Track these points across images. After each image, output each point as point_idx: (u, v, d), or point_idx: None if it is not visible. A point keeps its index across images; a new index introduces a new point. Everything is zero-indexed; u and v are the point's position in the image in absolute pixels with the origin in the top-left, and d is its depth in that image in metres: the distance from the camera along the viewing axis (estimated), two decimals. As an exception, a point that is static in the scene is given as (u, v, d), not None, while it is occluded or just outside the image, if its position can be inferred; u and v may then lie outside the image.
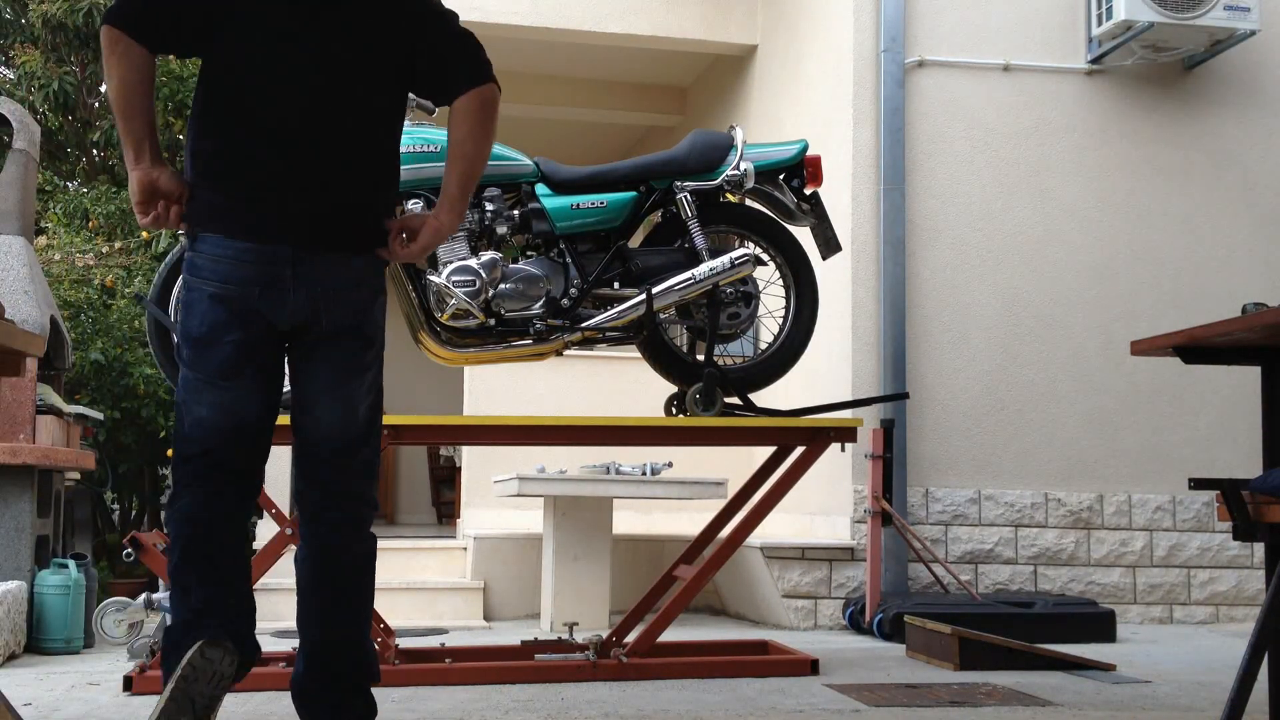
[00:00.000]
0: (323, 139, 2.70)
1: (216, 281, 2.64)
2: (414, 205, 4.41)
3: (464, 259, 4.39)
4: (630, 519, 7.19)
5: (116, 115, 2.60)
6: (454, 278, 4.34)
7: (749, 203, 4.80)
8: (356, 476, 2.80)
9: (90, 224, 10.06)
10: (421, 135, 4.46)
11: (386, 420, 4.55)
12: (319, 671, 2.76)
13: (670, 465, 6.29)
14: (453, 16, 2.88)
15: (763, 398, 4.93)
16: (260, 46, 2.66)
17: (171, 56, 11.75)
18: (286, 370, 2.82)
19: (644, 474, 6.17)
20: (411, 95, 4.34)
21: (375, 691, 2.87)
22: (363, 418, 2.78)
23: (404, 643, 4.78)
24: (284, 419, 2.87)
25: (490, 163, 4.53)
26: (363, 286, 2.76)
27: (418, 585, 6.86)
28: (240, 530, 2.76)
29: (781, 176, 4.70)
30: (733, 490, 5.21)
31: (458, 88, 2.76)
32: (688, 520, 7.19)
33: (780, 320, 4.79)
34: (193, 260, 2.68)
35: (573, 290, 4.51)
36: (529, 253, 4.61)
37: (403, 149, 4.40)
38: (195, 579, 2.63)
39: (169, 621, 2.72)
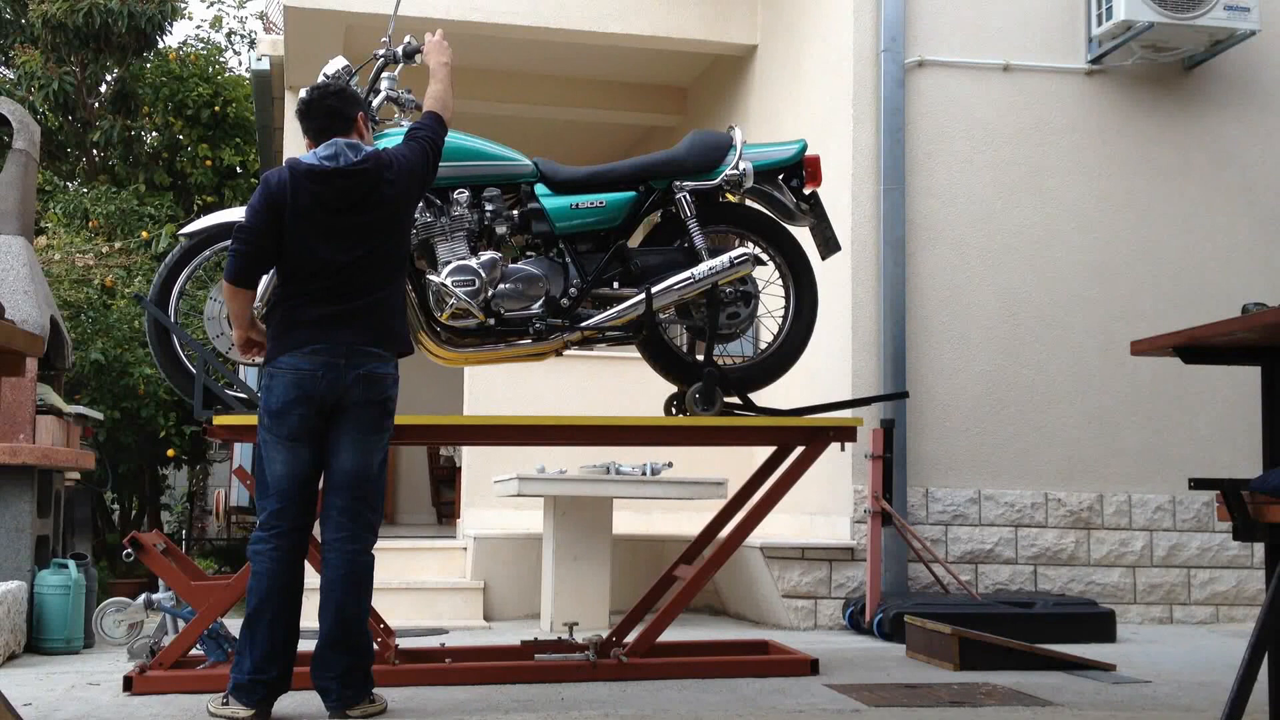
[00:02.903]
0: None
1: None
2: (414, 205, 4.42)
3: (464, 259, 4.39)
4: (630, 519, 7.18)
5: (235, 321, 3.87)
6: (453, 278, 4.34)
7: (748, 202, 4.80)
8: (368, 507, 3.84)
9: (90, 224, 10.07)
10: (421, 135, 4.46)
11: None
12: (338, 642, 3.69)
13: (670, 465, 6.29)
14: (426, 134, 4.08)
15: (763, 397, 4.93)
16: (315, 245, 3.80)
17: (171, 56, 11.66)
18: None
19: (644, 474, 6.17)
20: (412, 95, 4.41)
21: (375, 690, 3.80)
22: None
23: (404, 643, 4.78)
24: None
25: (489, 163, 4.59)
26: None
27: (418, 585, 6.86)
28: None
29: (781, 176, 4.70)
30: (733, 490, 5.20)
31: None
32: (688, 520, 7.18)
33: (780, 320, 4.79)
34: None
35: (572, 290, 4.51)
36: (528, 253, 4.61)
37: (402, 149, 4.42)
38: (260, 634, 3.67)
39: (240, 657, 3.70)
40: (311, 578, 3.87)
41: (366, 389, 3.75)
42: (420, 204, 4.39)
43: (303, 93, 3.94)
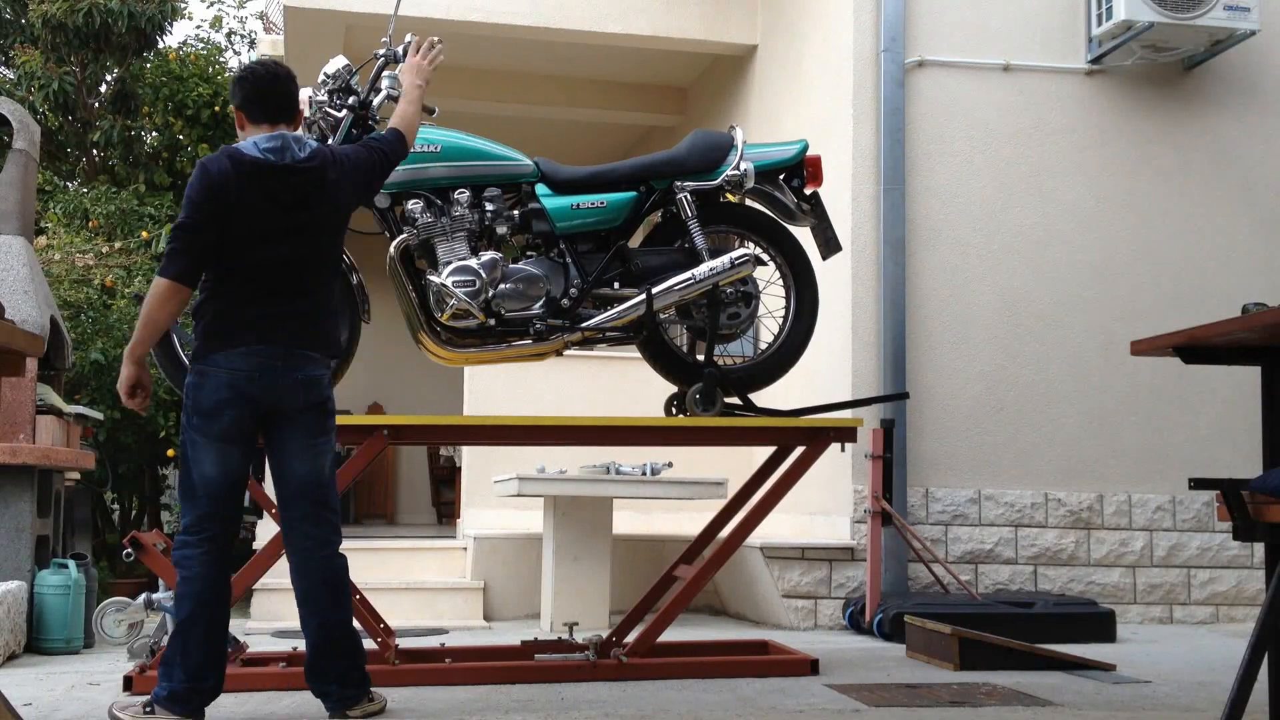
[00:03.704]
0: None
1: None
2: (414, 205, 4.41)
3: (464, 259, 4.39)
4: (630, 519, 7.18)
5: (146, 333, 3.54)
6: (454, 278, 4.34)
7: (749, 203, 4.80)
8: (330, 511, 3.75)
9: (90, 224, 10.06)
10: (421, 135, 4.46)
11: (387, 420, 4.56)
12: (327, 650, 3.62)
13: (670, 465, 6.29)
14: (377, 147, 3.90)
15: (763, 398, 4.93)
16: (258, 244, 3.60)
17: (171, 56, 11.65)
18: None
19: (644, 474, 6.17)
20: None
21: (375, 690, 3.77)
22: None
23: (404, 643, 4.78)
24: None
25: (490, 163, 4.59)
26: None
27: (418, 585, 6.86)
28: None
29: (781, 176, 4.70)
30: (733, 490, 5.20)
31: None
32: (688, 520, 7.18)
33: (780, 320, 4.79)
34: None
35: (573, 290, 4.51)
36: (529, 253, 4.61)
37: (403, 149, 4.42)
38: (196, 643, 3.49)
39: (163, 665, 3.52)
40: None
41: (306, 393, 3.62)
42: (421, 203, 4.40)
43: (257, 66, 3.72)
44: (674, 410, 4.73)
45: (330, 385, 3.77)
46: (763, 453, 5.09)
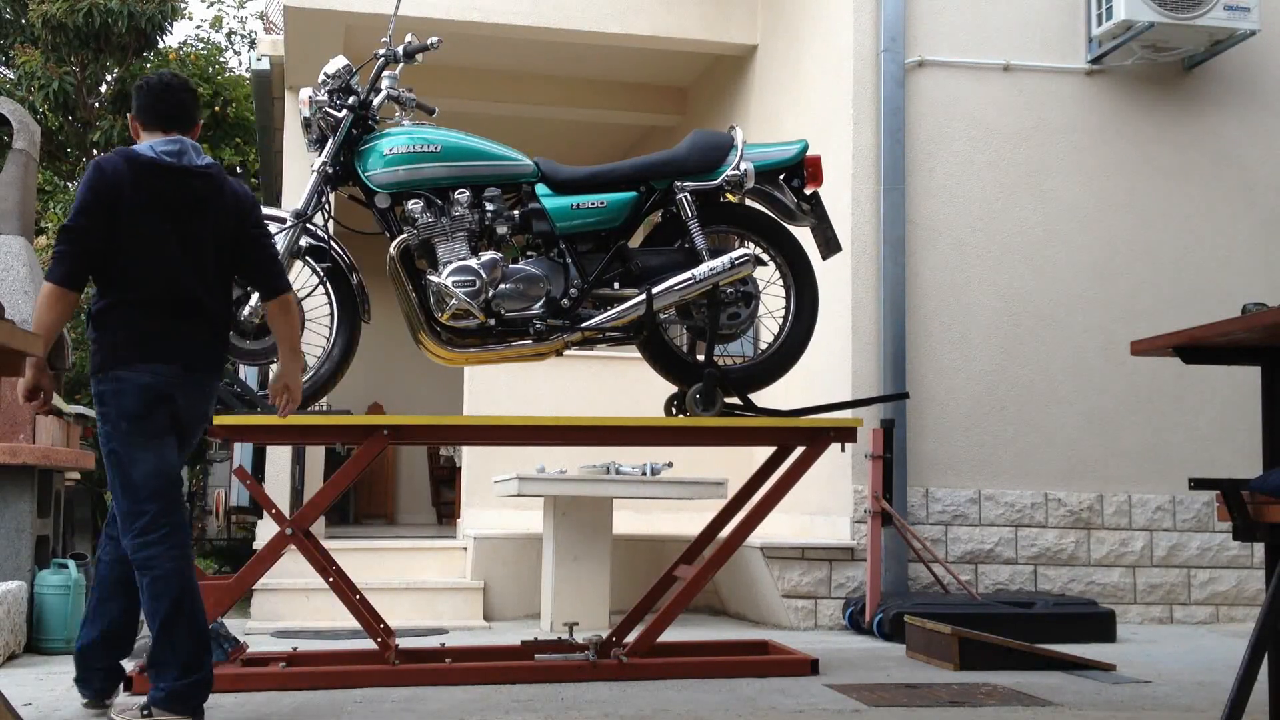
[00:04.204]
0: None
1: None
2: (414, 205, 4.41)
3: (464, 259, 4.39)
4: (630, 519, 7.18)
5: (39, 337, 3.33)
6: (454, 278, 4.34)
7: (749, 203, 4.80)
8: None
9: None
10: (421, 135, 4.47)
11: (387, 420, 4.56)
12: (120, 638, 3.80)
13: (670, 465, 6.29)
14: (270, 238, 3.90)
15: (763, 398, 4.93)
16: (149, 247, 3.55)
17: (171, 56, 11.63)
18: None
19: (644, 474, 6.17)
20: (413, 94, 4.42)
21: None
22: None
23: (404, 643, 4.78)
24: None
25: (490, 163, 4.60)
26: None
27: (418, 585, 6.86)
28: None
29: (781, 176, 4.70)
30: (733, 490, 5.20)
31: (263, 296, 3.84)
32: (688, 520, 7.18)
33: (780, 320, 4.79)
34: None
35: (573, 290, 4.51)
36: (529, 253, 4.61)
37: (403, 149, 4.43)
38: (184, 630, 3.48)
39: (152, 665, 3.51)
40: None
41: (205, 405, 3.72)
42: (421, 203, 4.41)
43: (153, 76, 3.76)
44: (674, 410, 4.73)
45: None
46: (763, 453, 5.09)
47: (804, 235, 4.84)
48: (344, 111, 4.43)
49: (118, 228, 3.47)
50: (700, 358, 4.65)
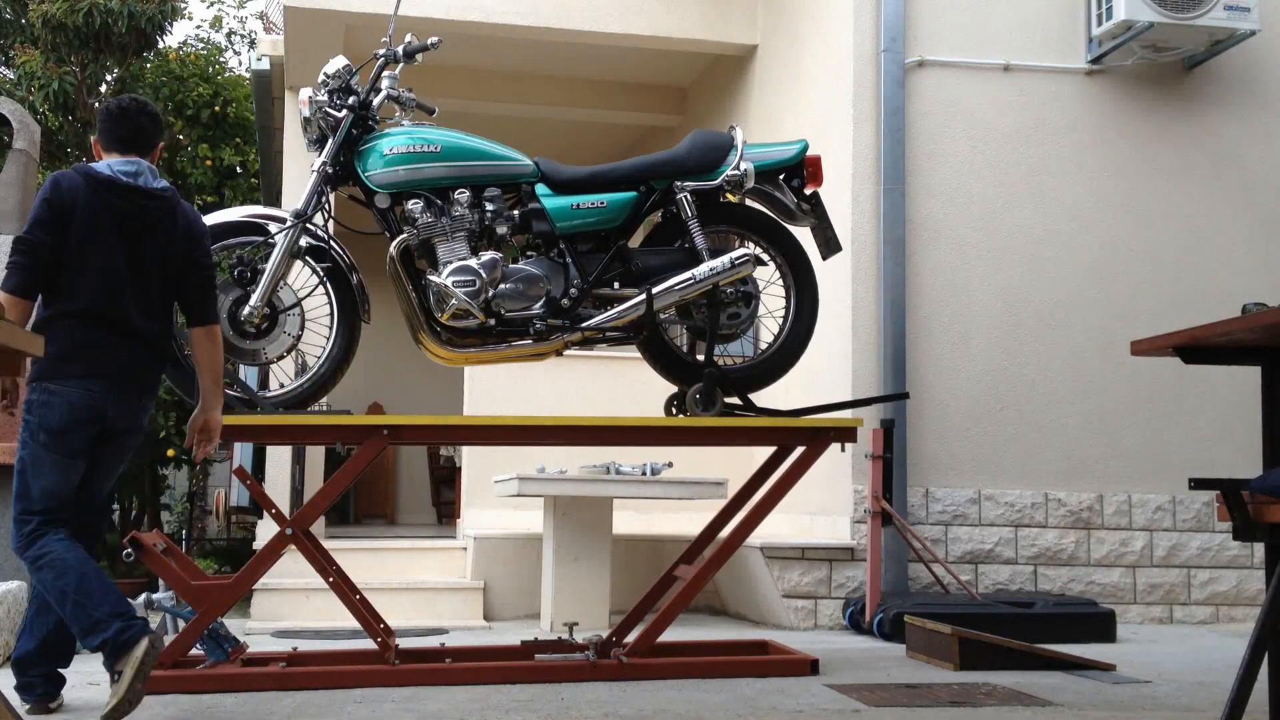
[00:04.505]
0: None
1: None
2: (414, 205, 4.41)
3: (464, 259, 4.39)
4: (630, 519, 7.18)
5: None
6: (454, 278, 4.34)
7: (749, 203, 4.80)
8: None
9: (90, 224, 10.04)
10: (421, 135, 4.47)
11: (387, 420, 4.57)
12: (57, 644, 3.81)
13: (670, 465, 6.29)
14: (213, 269, 3.98)
15: (763, 398, 4.93)
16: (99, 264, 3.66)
17: (171, 56, 11.65)
18: None
19: (644, 474, 6.17)
20: (413, 94, 4.42)
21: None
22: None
23: (404, 643, 4.78)
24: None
25: (490, 163, 4.60)
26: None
27: (418, 585, 6.86)
28: None
29: (781, 176, 4.70)
30: (733, 490, 5.20)
31: (192, 323, 3.89)
32: (688, 520, 7.18)
33: (780, 320, 4.79)
34: None
35: (573, 290, 4.51)
36: (529, 253, 4.61)
37: (403, 149, 4.43)
38: (98, 590, 3.54)
39: (86, 634, 3.52)
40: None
41: (138, 418, 3.80)
42: (421, 203, 4.41)
43: (113, 100, 3.90)
44: (674, 410, 4.73)
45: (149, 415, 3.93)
46: (763, 453, 5.09)
47: (804, 235, 4.84)
48: (344, 111, 4.43)
49: (69, 241, 3.60)
50: (700, 358, 4.65)
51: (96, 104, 11.28)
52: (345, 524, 11.52)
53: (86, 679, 4.58)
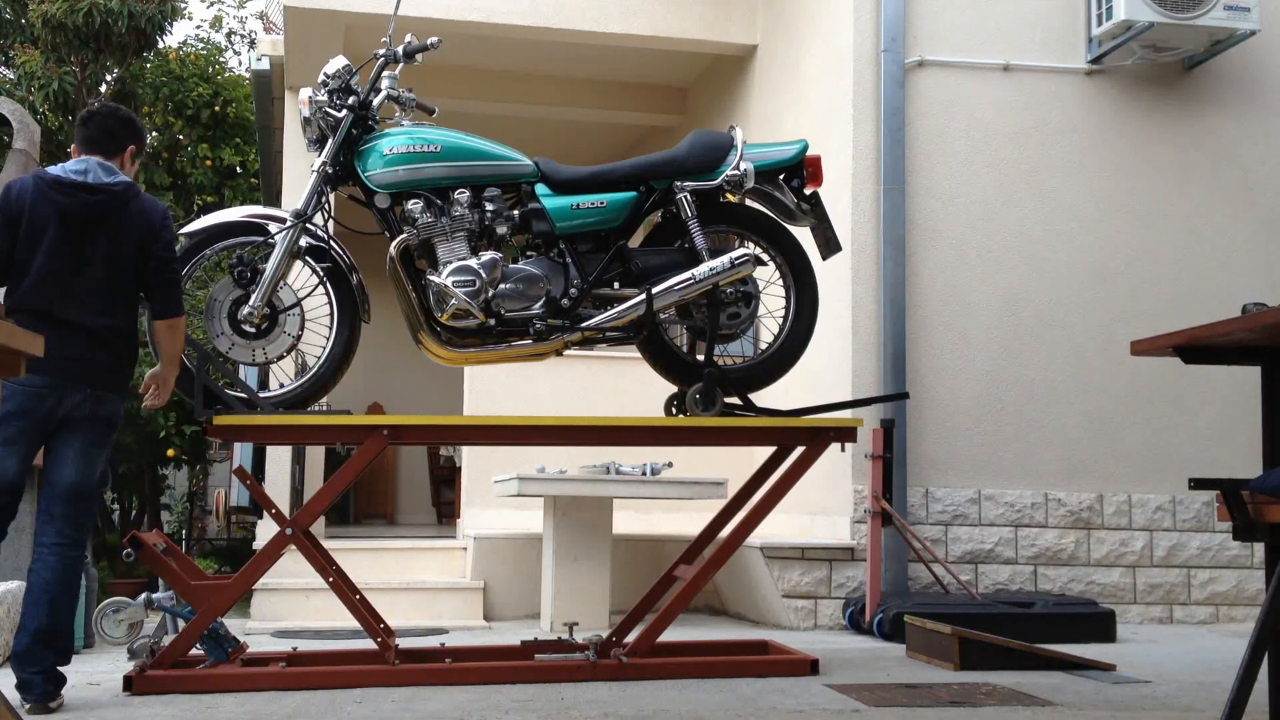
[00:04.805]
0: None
1: None
2: (414, 205, 4.41)
3: (464, 259, 4.39)
4: (630, 519, 7.19)
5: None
6: (454, 278, 4.34)
7: (749, 203, 4.80)
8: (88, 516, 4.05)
9: (90, 224, 10.04)
10: (421, 135, 4.47)
11: (387, 420, 4.56)
12: (48, 640, 3.83)
13: (670, 465, 6.29)
14: (172, 263, 4.04)
15: (763, 398, 4.93)
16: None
17: (171, 56, 11.65)
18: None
19: (644, 474, 6.17)
20: (412, 94, 4.42)
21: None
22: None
23: (404, 643, 4.78)
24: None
25: (490, 163, 4.60)
26: None
27: (418, 585, 6.86)
28: None
29: (781, 176, 4.70)
30: (733, 490, 5.20)
31: (152, 315, 4.03)
32: (688, 520, 7.19)
33: (780, 320, 4.79)
34: None
35: (573, 290, 4.51)
36: (529, 253, 4.61)
37: (403, 149, 4.43)
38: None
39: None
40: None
41: (95, 405, 3.87)
42: (421, 203, 4.40)
43: (88, 107, 4.03)
44: (674, 410, 4.73)
45: (120, 404, 3.99)
46: (763, 453, 5.09)
47: (804, 235, 4.84)
48: (344, 111, 4.42)
49: (17, 240, 3.78)
50: (700, 358, 4.65)
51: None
52: (345, 524, 11.52)
53: (86, 679, 4.59)
